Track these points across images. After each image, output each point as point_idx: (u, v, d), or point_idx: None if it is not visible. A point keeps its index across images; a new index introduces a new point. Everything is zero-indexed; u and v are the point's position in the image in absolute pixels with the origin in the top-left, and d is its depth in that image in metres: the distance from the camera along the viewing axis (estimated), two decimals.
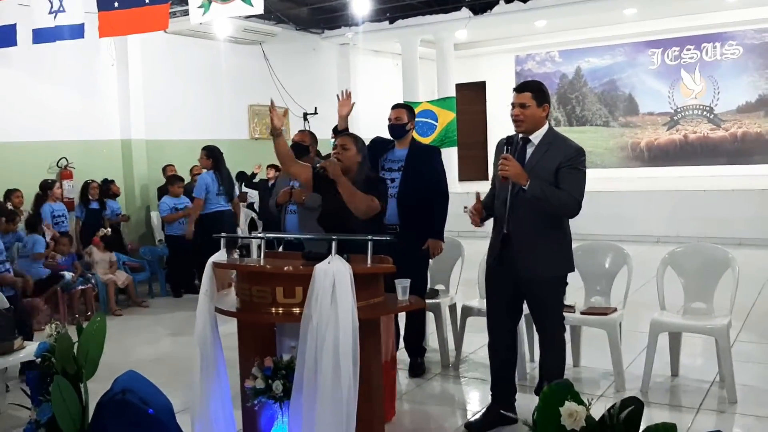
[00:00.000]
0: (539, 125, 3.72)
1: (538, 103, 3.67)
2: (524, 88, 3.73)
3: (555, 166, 3.63)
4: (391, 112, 4.92)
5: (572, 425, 2.25)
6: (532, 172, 3.63)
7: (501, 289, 3.87)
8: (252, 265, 3.17)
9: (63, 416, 3.38)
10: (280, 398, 3.04)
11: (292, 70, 12.15)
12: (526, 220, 3.69)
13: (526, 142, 3.75)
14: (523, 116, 3.67)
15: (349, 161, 3.95)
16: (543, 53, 15.29)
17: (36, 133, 8.39)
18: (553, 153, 3.67)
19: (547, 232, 3.72)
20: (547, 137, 3.73)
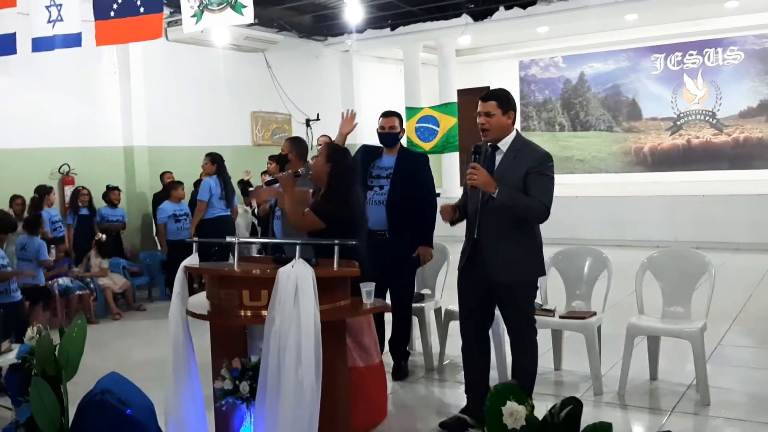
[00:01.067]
0: (506, 132, 3.79)
1: (503, 111, 3.74)
2: (489, 97, 3.79)
3: (523, 172, 3.70)
4: (383, 120, 4.99)
5: (513, 424, 2.31)
6: (502, 179, 3.69)
7: (472, 293, 3.93)
8: (219, 269, 3.25)
9: (41, 416, 3.48)
10: (247, 399, 3.13)
11: (294, 76, 12.28)
12: (496, 225, 3.75)
13: (495, 149, 3.82)
14: (488, 124, 3.74)
15: (317, 171, 4.05)
16: (547, 58, 15.32)
17: (38, 140, 8.56)
18: (521, 159, 3.74)
19: (516, 237, 3.78)
20: (515, 144, 3.79)
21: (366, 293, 3.21)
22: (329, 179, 4.03)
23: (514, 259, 3.77)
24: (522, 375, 3.82)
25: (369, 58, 14.23)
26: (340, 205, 3.95)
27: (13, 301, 5.59)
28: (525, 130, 15.78)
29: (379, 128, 4.99)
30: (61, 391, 3.62)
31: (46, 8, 6.71)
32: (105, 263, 7.94)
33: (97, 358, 5.45)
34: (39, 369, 3.56)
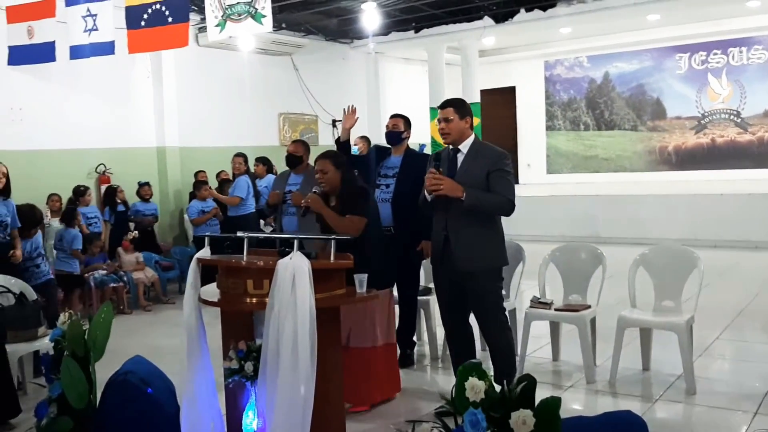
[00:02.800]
0: (465, 136, 4.14)
1: (460, 116, 4.11)
2: (446, 104, 4.18)
3: (485, 170, 4.03)
4: (389, 120, 5.38)
5: (474, 397, 2.60)
6: (465, 175, 4.04)
7: (446, 285, 4.25)
8: (226, 261, 3.60)
9: (71, 392, 3.87)
10: (251, 377, 3.46)
11: (321, 78, 12.66)
12: (462, 221, 4.07)
13: (456, 152, 4.16)
14: (448, 129, 4.11)
15: (331, 182, 4.38)
16: (572, 58, 15.46)
17: (76, 141, 9.06)
18: (481, 159, 4.08)
19: (480, 231, 4.09)
20: (474, 146, 4.15)
21: (359, 283, 3.53)
22: (343, 185, 4.38)
23: (479, 250, 4.08)
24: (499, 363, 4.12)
25: (394, 60, 14.54)
26: (362, 206, 4.33)
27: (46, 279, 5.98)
28: (550, 129, 15.96)
29: (386, 127, 5.40)
30: (90, 370, 4.01)
31: (83, 18, 7.17)
32: (140, 257, 8.40)
33: (126, 345, 5.88)
34: (69, 350, 3.95)
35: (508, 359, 4.16)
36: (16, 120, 8.47)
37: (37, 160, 8.63)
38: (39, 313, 5.04)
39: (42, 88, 8.66)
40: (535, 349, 5.53)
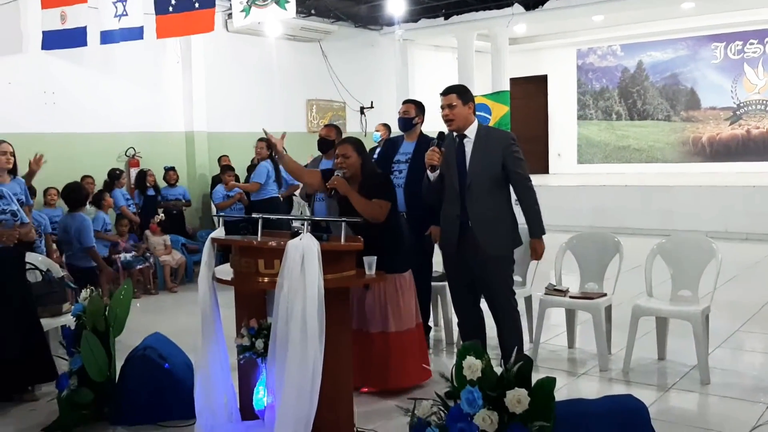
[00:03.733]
0: (469, 122, 4.19)
1: (463, 102, 4.15)
2: (449, 91, 4.21)
3: (498, 155, 4.10)
4: (402, 106, 5.39)
5: (471, 375, 2.66)
6: (478, 164, 4.10)
7: (459, 271, 4.30)
8: (239, 241, 3.68)
9: (91, 366, 4.02)
10: (262, 354, 3.55)
11: (349, 65, 12.70)
12: (482, 207, 4.13)
13: (462, 138, 4.19)
14: (452, 115, 4.16)
15: (353, 167, 4.41)
16: (605, 47, 15.26)
17: (107, 124, 9.26)
18: (490, 142, 4.13)
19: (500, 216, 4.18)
20: (480, 131, 4.19)
21: (368, 265, 3.58)
22: (363, 170, 4.43)
23: (501, 234, 4.17)
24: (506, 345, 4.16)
25: (424, 47, 14.52)
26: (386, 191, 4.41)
27: (90, 266, 6.16)
28: (581, 118, 15.80)
29: (398, 113, 5.43)
30: (109, 345, 4.15)
31: (113, 4, 7.32)
32: (168, 240, 8.57)
33: (150, 323, 6.02)
34: (90, 325, 4.09)
35: (515, 340, 4.18)
36: (49, 103, 8.68)
37: (70, 142, 8.84)
38: (64, 289, 5.20)
39: (75, 73, 8.86)
40: (550, 336, 5.55)
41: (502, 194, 4.18)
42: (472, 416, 2.64)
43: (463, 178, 4.13)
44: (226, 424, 3.72)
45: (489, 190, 4.12)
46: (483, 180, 4.13)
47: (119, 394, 4.12)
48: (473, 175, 4.13)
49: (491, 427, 2.61)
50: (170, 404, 4.07)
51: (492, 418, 2.61)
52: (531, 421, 2.60)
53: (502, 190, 4.21)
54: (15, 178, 5.51)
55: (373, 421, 3.89)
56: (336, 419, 3.53)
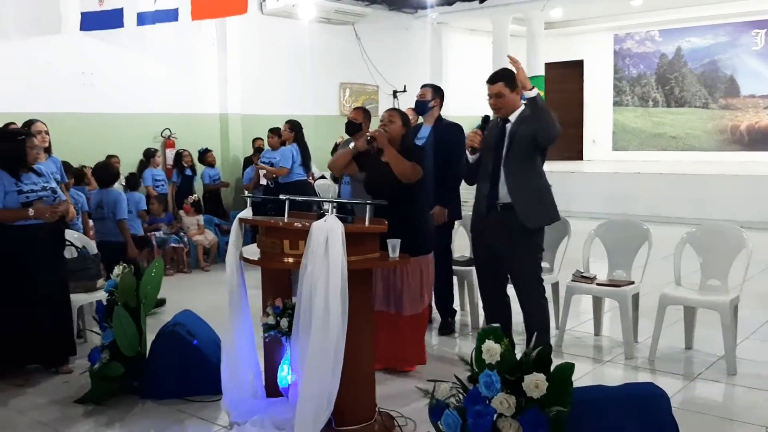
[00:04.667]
0: (516, 106, 4.17)
1: (510, 89, 4.12)
2: (496, 79, 4.16)
3: (530, 130, 4.05)
4: (419, 90, 5.42)
5: (489, 359, 2.68)
6: (514, 142, 4.10)
7: (486, 255, 4.31)
8: (265, 221, 3.73)
9: (122, 340, 4.13)
10: (286, 333, 3.61)
11: (383, 48, 12.67)
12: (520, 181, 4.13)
13: (506, 122, 4.18)
14: (500, 104, 4.14)
15: (394, 133, 4.46)
16: (643, 32, 15.00)
17: (143, 106, 9.40)
18: (528, 122, 4.09)
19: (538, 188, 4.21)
20: (523, 113, 4.15)
21: (391, 248, 3.61)
22: (404, 140, 4.49)
23: (540, 206, 4.19)
24: (532, 328, 4.16)
25: (458, 30, 14.42)
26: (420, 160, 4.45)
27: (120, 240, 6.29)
28: (617, 105, 15.58)
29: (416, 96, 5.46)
30: (140, 320, 4.26)
31: None
32: (201, 220, 8.71)
33: (182, 300, 6.15)
34: (122, 301, 4.20)
35: (541, 326, 4.18)
36: (87, 84, 8.83)
37: (107, 123, 9.00)
38: (98, 265, 5.33)
39: (112, 54, 9.00)
40: (577, 323, 5.53)
41: (536, 180, 4.17)
42: (490, 399, 2.67)
43: (497, 159, 4.13)
44: (251, 400, 3.80)
45: (523, 175, 4.11)
46: (517, 162, 4.11)
47: (149, 369, 4.23)
48: (509, 158, 4.12)
49: (508, 411, 2.64)
50: (197, 379, 4.17)
51: (509, 401, 2.64)
52: (548, 406, 2.62)
53: (536, 176, 4.20)
54: (51, 156, 5.64)
55: (393, 402, 3.93)
56: (358, 399, 3.58)
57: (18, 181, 4.43)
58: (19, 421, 3.93)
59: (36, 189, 4.48)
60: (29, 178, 4.51)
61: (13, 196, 4.37)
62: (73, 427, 3.85)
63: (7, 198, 4.36)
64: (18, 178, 4.44)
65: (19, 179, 4.44)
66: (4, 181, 4.39)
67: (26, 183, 4.46)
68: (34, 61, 8.32)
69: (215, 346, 4.27)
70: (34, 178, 4.53)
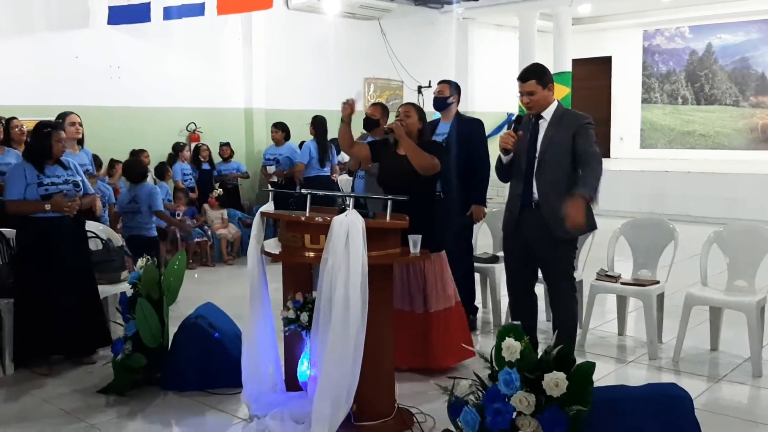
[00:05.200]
0: (548, 103, 4.08)
1: (543, 86, 4.03)
2: (527, 76, 4.05)
3: (570, 134, 3.99)
4: (437, 86, 5.39)
5: (509, 357, 2.66)
6: (550, 144, 4.01)
7: (517, 254, 4.25)
8: (287, 215, 3.74)
9: (144, 332, 4.17)
10: (306, 327, 3.62)
11: (408, 44, 12.63)
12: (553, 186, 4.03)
13: (539, 118, 4.10)
14: (532, 102, 4.05)
15: (411, 127, 4.44)
16: (672, 28, 14.77)
17: (169, 99, 9.47)
18: (565, 123, 4.03)
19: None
20: (557, 111, 4.08)
21: (413, 243, 3.59)
22: (420, 135, 4.47)
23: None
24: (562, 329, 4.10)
25: (484, 26, 14.33)
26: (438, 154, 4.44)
27: (151, 235, 6.37)
28: (646, 102, 15.38)
29: (433, 93, 5.43)
30: (163, 312, 4.29)
31: None
32: (225, 214, 8.76)
33: (205, 293, 6.20)
34: (145, 293, 4.24)
35: (569, 326, 4.15)
36: (114, 77, 8.92)
37: (134, 116, 9.08)
38: (123, 257, 5.38)
39: (139, 48, 9.08)
40: (600, 323, 5.48)
41: (572, 179, 4.02)
42: (509, 397, 2.65)
43: (531, 158, 4.05)
44: (270, 394, 3.82)
45: (559, 173, 4.01)
46: (554, 162, 4.03)
47: (171, 360, 4.27)
48: (544, 156, 4.04)
49: (528, 409, 2.61)
50: (218, 372, 4.20)
51: (529, 399, 2.62)
52: (568, 405, 2.59)
53: (572, 175, 4.06)
54: (83, 148, 5.70)
55: (413, 399, 3.93)
56: (377, 395, 3.58)
57: (41, 173, 4.47)
58: (44, 410, 3.99)
59: (58, 182, 4.51)
60: (54, 170, 4.55)
61: (33, 188, 4.42)
62: (96, 416, 3.89)
63: (28, 190, 4.41)
64: (42, 170, 4.49)
65: (43, 172, 4.48)
66: (27, 173, 4.44)
67: (49, 176, 4.50)
68: (62, 54, 8.42)
69: (236, 338, 4.29)
70: (58, 171, 4.57)
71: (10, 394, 4.23)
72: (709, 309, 4.83)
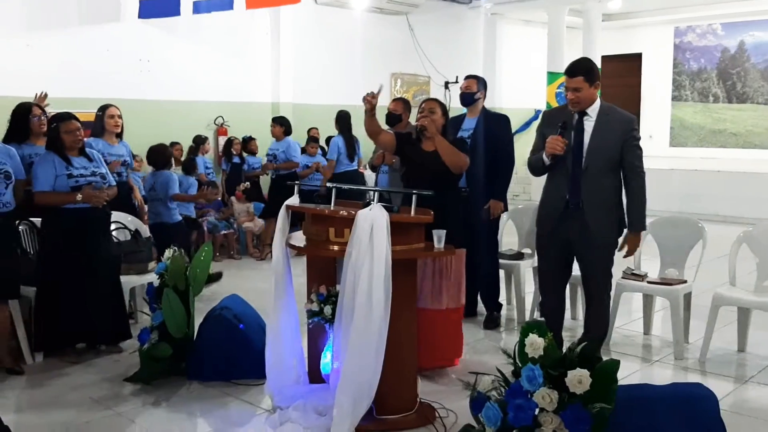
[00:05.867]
0: (593, 100, 4.00)
1: (590, 84, 3.93)
2: (575, 72, 3.95)
3: (619, 140, 3.95)
4: (463, 81, 5.35)
5: (532, 353, 2.65)
6: (598, 144, 3.95)
7: (554, 253, 4.20)
8: (311, 209, 3.76)
9: (171, 322, 4.22)
10: (329, 320, 3.64)
11: (436, 39, 12.60)
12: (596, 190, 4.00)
13: (583, 115, 4.01)
14: (578, 99, 3.95)
15: (436, 123, 4.43)
16: (704, 25, 14.54)
17: (197, 93, 9.57)
18: (612, 124, 3.97)
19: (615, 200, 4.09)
20: (603, 109, 4.01)
21: (437, 238, 3.59)
22: (444, 131, 4.47)
23: (611, 221, 4.06)
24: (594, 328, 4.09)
25: (512, 21, 14.24)
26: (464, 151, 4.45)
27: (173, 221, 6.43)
28: (676, 100, 15.18)
29: (459, 89, 5.39)
30: (189, 303, 4.34)
31: None
32: (251, 208, 8.83)
33: (231, 284, 6.28)
34: (171, 283, 4.28)
35: (601, 324, 4.14)
36: (144, 71, 9.03)
37: (163, 109, 9.20)
38: (151, 248, 5.45)
39: (168, 42, 9.18)
40: (626, 321, 5.42)
41: (616, 180, 4.01)
42: (532, 393, 2.64)
43: (578, 159, 3.98)
44: (293, 386, 3.84)
45: (604, 174, 3.97)
46: (600, 163, 3.97)
47: (196, 351, 4.31)
48: (590, 157, 3.96)
49: (550, 406, 2.60)
50: (242, 363, 4.23)
51: (552, 396, 2.60)
52: (591, 402, 2.58)
53: (616, 176, 4.04)
54: (122, 141, 5.77)
55: (435, 393, 3.93)
56: (399, 389, 3.59)
57: (69, 165, 4.53)
58: (72, 397, 4.05)
59: (86, 174, 4.57)
60: (80, 162, 4.61)
61: (63, 179, 4.47)
62: (122, 404, 3.95)
63: (57, 181, 4.46)
64: (69, 162, 4.54)
65: (70, 163, 4.54)
66: (56, 164, 4.50)
67: (77, 167, 4.56)
68: (93, 48, 8.54)
69: (261, 330, 4.32)
70: (84, 163, 4.63)
71: (39, 381, 4.31)
72: (737, 310, 4.76)
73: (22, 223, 4.76)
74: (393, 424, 3.53)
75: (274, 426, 3.50)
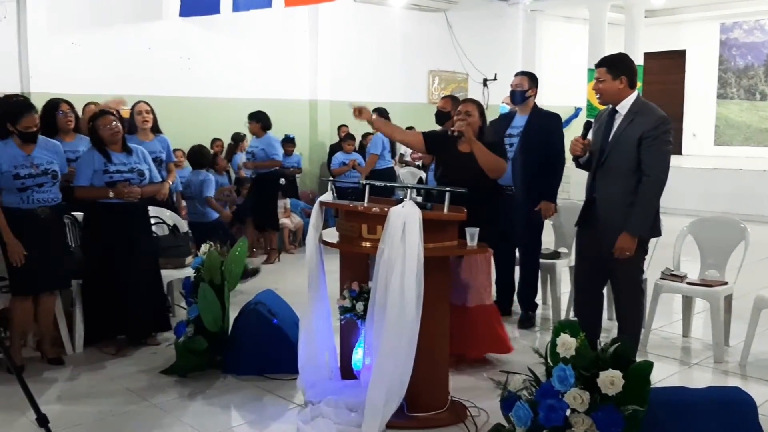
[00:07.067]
0: (622, 96, 3.87)
1: (613, 77, 3.83)
2: (600, 63, 3.93)
3: (638, 135, 3.80)
4: (514, 78, 5.28)
5: (564, 353, 2.61)
6: (619, 140, 3.86)
7: (587, 250, 4.12)
8: (344, 205, 3.77)
9: (206, 315, 4.27)
10: (361, 316, 3.64)
11: (474, 36, 12.53)
12: (611, 189, 3.89)
13: (614, 112, 3.94)
14: (599, 90, 3.90)
15: (473, 126, 4.41)
16: (752, 21, 14.18)
17: (236, 90, 9.67)
18: (638, 121, 3.84)
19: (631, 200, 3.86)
20: (633, 107, 3.88)
21: (470, 236, 3.57)
22: (481, 134, 4.45)
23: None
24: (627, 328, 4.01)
25: (553, 18, 14.08)
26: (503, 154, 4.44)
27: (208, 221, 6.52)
28: (721, 97, 14.84)
29: (510, 85, 5.31)
30: (224, 297, 4.39)
31: None
32: (288, 204, 8.89)
33: (266, 280, 6.33)
34: (207, 278, 4.34)
35: (634, 324, 4.06)
36: (185, 68, 9.16)
37: (203, 106, 9.32)
38: (188, 243, 5.53)
39: (209, 39, 9.30)
40: (665, 323, 5.33)
41: (633, 178, 3.83)
42: (563, 394, 2.60)
43: (600, 154, 3.92)
44: (326, 381, 3.86)
45: (624, 174, 3.83)
46: (619, 161, 3.86)
47: (231, 345, 4.36)
48: (611, 154, 3.89)
49: (581, 407, 2.57)
50: (276, 358, 4.27)
51: (583, 397, 2.57)
52: (624, 404, 2.54)
53: (633, 175, 3.85)
54: (158, 136, 5.85)
55: (466, 391, 3.90)
56: (431, 386, 3.58)
57: (109, 161, 4.62)
58: (110, 388, 4.14)
59: (123, 170, 4.65)
60: (120, 158, 4.69)
61: (99, 175, 4.57)
62: (159, 396, 4.01)
63: (95, 176, 4.57)
64: (109, 158, 4.63)
65: (110, 159, 4.63)
66: (95, 160, 4.60)
67: (116, 164, 4.64)
68: (135, 46, 8.69)
69: (294, 325, 4.34)
70: (123, 159, 4.71)
71: (78, 372, 4.41)
72: None
73: (65, 216, 4.87)
74: (424, 421, 3.53)
75: (306, 421, 3.52)
